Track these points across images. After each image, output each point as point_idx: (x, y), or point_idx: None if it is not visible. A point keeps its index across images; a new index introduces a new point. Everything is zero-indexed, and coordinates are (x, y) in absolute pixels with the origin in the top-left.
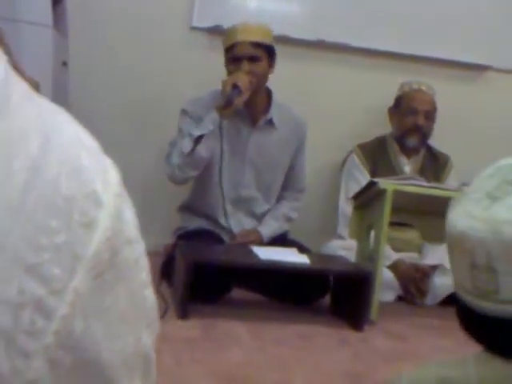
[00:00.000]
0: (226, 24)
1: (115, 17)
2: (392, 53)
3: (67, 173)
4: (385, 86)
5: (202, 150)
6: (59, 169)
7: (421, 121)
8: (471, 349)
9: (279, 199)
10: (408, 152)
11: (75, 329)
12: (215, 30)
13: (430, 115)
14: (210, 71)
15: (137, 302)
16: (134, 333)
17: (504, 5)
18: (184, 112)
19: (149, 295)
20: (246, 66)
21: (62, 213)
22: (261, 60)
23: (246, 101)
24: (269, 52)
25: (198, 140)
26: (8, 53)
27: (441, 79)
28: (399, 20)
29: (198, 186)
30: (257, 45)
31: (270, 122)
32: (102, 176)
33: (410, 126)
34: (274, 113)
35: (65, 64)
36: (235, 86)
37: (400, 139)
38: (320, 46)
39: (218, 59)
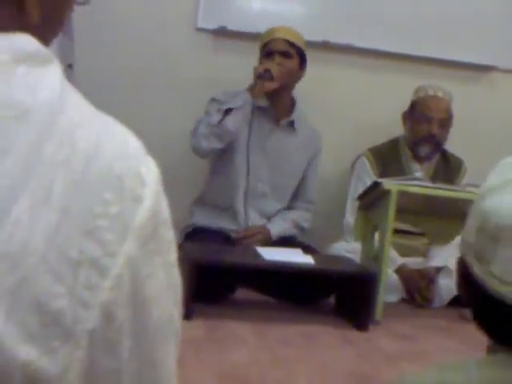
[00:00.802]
0: (231, 26)
1: (120, 19)
2: (397, 54)
3: (119, 157)
4: (390, 87)
5: (230, 122)
6: (112, 154)
7: (435, 129)
8: (475, 349)
9: (289, 209)
10: (420, 158)
11: (126, 288)
12: (220, 32)
13: (445, 123)
14: (216, 72)
15: (169, 277)
16: (167, 306)
17: (508, 5)
18: (213, 99)
19: (177, 275)
20: (277, 58)
21: (116, 188)
22: (292, 57)
23: (272, 98)
24: (300, 56)
25: (227, 112)
26: None
27: (446, 80)
28: (403, 21)
29: (219, 175)
30: (290, 43)
31: (292, 125)
32: (146, 163)
33: (423, 134)
34: (295, 117)
35: (70, 66)
36: (267, 71)
37: (412, 146)
38: (325, 47)
39: (223, 60)
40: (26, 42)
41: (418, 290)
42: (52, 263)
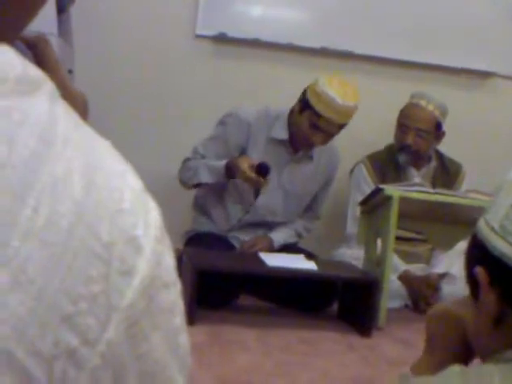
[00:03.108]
0: (231, 32)
1: (119, 25)
2: (396, 60)
3: (109, 216)
4: (388, 93)
5: (204, 186)
6: (101, 212)
7: (410, 139)
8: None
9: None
10: (417, 163)
11: (106, 379)
12: (220, 38)
13: (424, 133)
14: (215, 79)
15: (173, 346)
16: (169, 374)
17: (508, 11)
18: (222, 123)
19: (182, 341)
20: (319, 139)
21: (102, 261)
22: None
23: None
24: None
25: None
26: (54, 68)
27: (446, 86)
28: (403, 28)
29: (216, 196)
30: (342, 125)
31: (310, 157)
32: (144, 220)
33: (401, 143)
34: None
35: (70, 72)
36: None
37: (396, 153)
38: (324, 53)
39: (223, 67)
40: (6, 60)
41: (422, 297)
42: (20, 361)
